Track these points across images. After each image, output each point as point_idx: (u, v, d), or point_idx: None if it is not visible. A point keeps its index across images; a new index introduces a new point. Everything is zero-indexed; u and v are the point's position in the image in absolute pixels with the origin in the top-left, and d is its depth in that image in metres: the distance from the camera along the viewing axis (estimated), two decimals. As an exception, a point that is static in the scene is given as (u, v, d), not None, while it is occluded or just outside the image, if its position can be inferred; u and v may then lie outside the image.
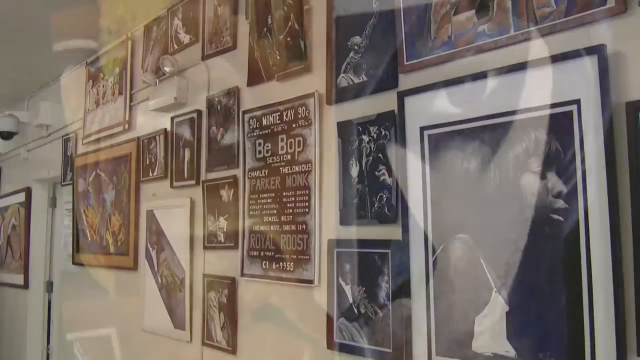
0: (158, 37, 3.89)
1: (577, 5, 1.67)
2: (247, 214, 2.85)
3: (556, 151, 1.67)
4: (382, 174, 2.18)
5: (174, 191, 3.55)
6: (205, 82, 3.32)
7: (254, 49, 2.93)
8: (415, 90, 2.06)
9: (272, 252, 2.67)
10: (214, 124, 3.20)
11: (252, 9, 2.98)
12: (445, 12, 2.01)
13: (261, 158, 2.79)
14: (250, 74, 2.95)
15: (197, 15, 3.48)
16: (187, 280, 3.33)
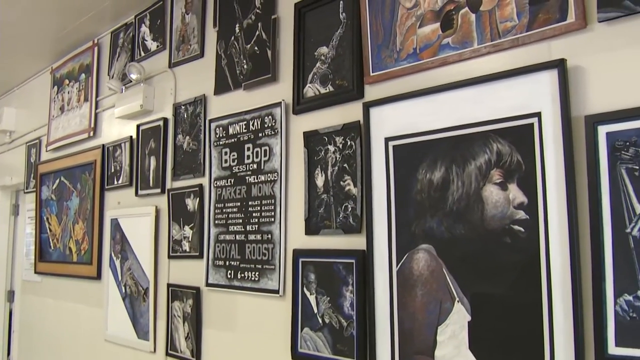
0: (125, 43, 3.85)
1: (538, 20, 1.71)
2: (213, 223, 2.83)
3: (517, 163, 1.70)
4: (347, 184, 2.18)
5: (139, 199, 3.51)
6: (172, 90, 3.30)
7: (222, 57, 2.92)
8: (381, 101, 2.07)
9: (237, 262, 2.66)
10: (180, 132, 3.17)
11: (220, 18, 2.97)
12: (411, 25, 2.03)
13: (227, 167, 2.77)
14: (217, 83, 2.94)
15: (165, 22, 3.46)
16: (151, 289, 3.29)
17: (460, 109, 1.85)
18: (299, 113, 2.44)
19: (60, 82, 4.59)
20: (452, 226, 1.84)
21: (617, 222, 1.51)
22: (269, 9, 2.68)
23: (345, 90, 2.23)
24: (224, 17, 2.96)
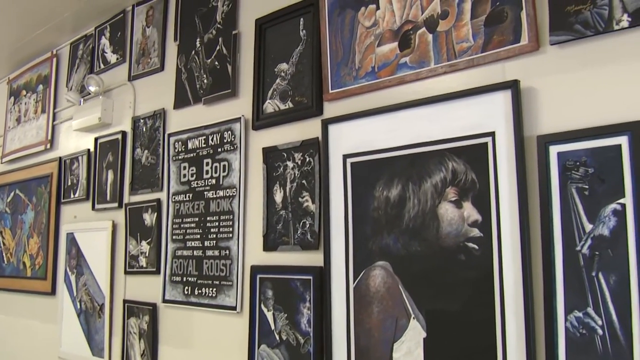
0: (84, 55, 3.80)
1: (493, 41, 1.74)
2: (170, 238, 2.80)
3: (472, 181, 1.72)
4: (305, 200, 2.19)
5: (95, 214, 3.45)
6: (131, 103, 3.27)
7: (182, 71, 2.91)
8: (339, 119, 2.09)
9: (195, 278, 2.63)
10: (138, 145, 3.14)
11: (181, 32, 2.96)
12: (370, 43, 2.05)
13: (186, 182, 2.75)
14: (177, 97, 2.92)
15: (125, 35, 3.43)
16: (107, 305, 3.23)
17: (417, 128, 1.87)
18: (258, 129, 2.43)
19: (17, 93, 4.50)
20: (408, 243, 1.85)
21: (568, 240, 1.54)
22: (229, 24, 2.68)
23: (305, 106, 2.24)
24: (185, 31, 2.95)
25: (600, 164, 1.51)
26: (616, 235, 1.47)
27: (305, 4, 2.31)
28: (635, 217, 1.44)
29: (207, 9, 2.83)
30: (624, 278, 1.45)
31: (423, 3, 1.92)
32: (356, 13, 2.11)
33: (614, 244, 1.47)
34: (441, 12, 1.87)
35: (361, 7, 2.10)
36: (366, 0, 2.09)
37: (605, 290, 1.48)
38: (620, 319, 1.45)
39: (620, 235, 1.47)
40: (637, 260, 1.43)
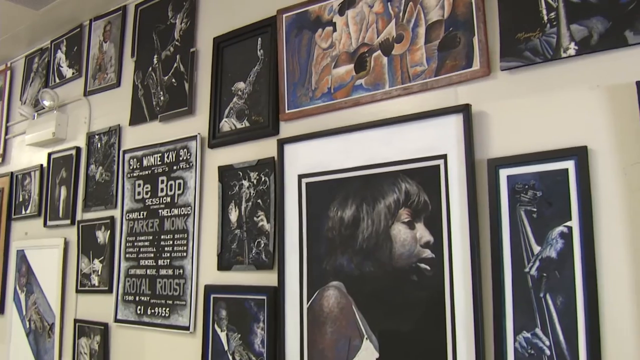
0: (39, 69, 3.74)
1: (446, 66, 1.78)
2: (123, 256, 2.76)
3: (425, 203, 1.75)
4: (260, 219, 2.18)
5: (47, 231, 3.38)
6: (86, 119, 3.22)
7: (138, 88, 2.88)
8: (295, 139, 2.10)
9: (148, 297, 2.59)
10: (93, 162, 3.09)
11: (139, 48, 2.94)
12: (326, 65, 2.07)
13: (140, 199, 2.72)
14: (133, 113, 2.89)
15: (82, 49, 3.39)
16: (57, 325, 3.15)
17: (371, 149, 1.89)
18: (214, 147, 2.43)
19: (-32, 105, 4.39)
20: (361, 264, 1.86)
21: (517, 262, 1.57)
22: (187, 42, 2.67)
23: (261, 126, 2.24)
24: (143, 47, 2.93)
25: (548, 187, 1.55)
26: (563, 257, 1.50)
27: (263, 24, 2.32)
28: (581, 240, 1.48)
29: (165, 26, 2.82)
30: (571, 299, 1.48)
31: (379, 26, 1.95)
32: (313, 34, 2.13)
33: (561, 266, 1.50)
34: (396, 35, 1.90)
35: (318, 29, 2.12)
36: (323, 22, 2.11)
37: (552, 311, 1.51)
38: (567, 339, 1.47)
39: (567, 257, 1.50)
40: (583, 282, 1.46)
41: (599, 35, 1.53)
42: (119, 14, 3.17)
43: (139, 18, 3.00)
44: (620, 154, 1.47)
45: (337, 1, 2.09)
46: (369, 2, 2.00)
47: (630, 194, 1.45)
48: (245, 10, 2.45)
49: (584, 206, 1.49)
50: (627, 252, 1.43)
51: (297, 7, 2.20)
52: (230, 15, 2.51)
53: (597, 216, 1.48)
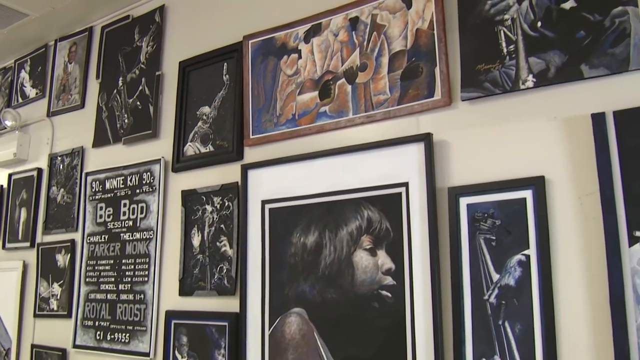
0: (2, 88, 3.69)
1: (408, 95, 1.81)
2: (84, 280, 2.71)
3: (386, 230, 1.76)
4: (223, 245, 2.17)
5: (5, 253, 3.31)
6: (49, 140, 3.18)
7: (103, 109, 2.86)
8: (259, 164, 2.10)
9: (108, 322, 2.54)
10: (54, 184, 3.05)
11: (104, 70, 2.93)
12: (291, 91, 2.09)
13: (102, 223, 2.68)
14: (97, 135, 2.86)
15: (46, 70, 3.36)
16: (14, 350, 3.07)
17: (334, 176, 1.90)
18: (178, 171, 2.41)
19: None
20: (323, 290, 1.86)
21: (476, 289, 1.59)
22: (153, 65, 2.67)
23: (225, 151, 2.24)
24: (108, 69, 2.91)
25: (507, 216, 1.57)
26: (521, 285, 1.53)
27: (229, 49, 2.33)
28: (539, 268, 1.51)
29: (132, 48, 2.81)
30: (529, 327, 1.50)
31: (343, 55, 1.98)
32: (279, 61, 2.15)
33: (519, 294, 1.53)
34: (360, 64, 1.93)
35: (284, 56, 2.14)
36: (289, 49, 2.13)
37: (511, 338, 1.53)
38: (525, 367, 1.50)
39: (524, 285, 1.52)
40: (540, 309, 1.49)
41: (556, 69, 1.57)
42: (84, 35, 3.15)
43: (105, 40, 2.99)
44: (576, 184, 1.51)
45: (303, 29, 2.11)
46: (334, 31, 2.02)
47: (585, 223, 1.48)
48: (211, 35, 2.46)
49: (541, 235, 1.51)
50: (582, 279, 1.46)
51: (263, 33, 2.22)
52: (197, 40, 2.52)
53: (554, 244, 1.51)
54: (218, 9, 2.49)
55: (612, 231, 1.41)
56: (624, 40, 1.48)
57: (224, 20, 2.45)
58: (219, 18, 2.47)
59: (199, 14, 2.57)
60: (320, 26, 2.07)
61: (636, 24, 1.47)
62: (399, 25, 1.87)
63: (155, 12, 2.76)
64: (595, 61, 1.51)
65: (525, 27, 1.64)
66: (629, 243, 1.39)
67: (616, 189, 1.43)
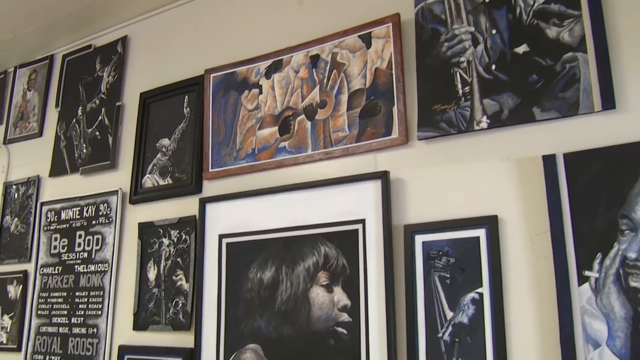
0: (-43, 114, 3.61)
1: (366, 133, 1.83)
2: (35, 313, 2.64)
3: (343, 266, 1.77)
4: (179, 279, 2.15)
5: (-46, 283, 3.21)
6: (4, 168, 3.12)
7: (61, 139, 2.82)
8: (217, 198, 2.10)
9: (59, 357, 2.48)
10: (8, 213, 2.98)
11: (64, 99, 2.90)
12: (251, 126, 2.10)
13: (56, 254, 2.63)
14: (54, 165, 2.82)
15: (4, 96, 3.30)
16: (-41, 385, 2.97)
17: (293, 211, 1.91)
18: (135, 203, 2.39)
19: None
20: (279, 326, 1.85)
21: (431, 327, 1.60)
22: (114, 95, 2.66)
23: (184, 184, 2.24)
24: (68, 98, 2.89)
25: (461, 254, 1.60)
26: (474, 323, 1.54)
27: (190, 82, 2.34)
28: (492, 306, 1.53)
29: (92, 78, 2.80)
30: (482, 364, 1.52)
31: (303, 91, 2.00)
32: (240, 95, 2.16)
33: (472, 332, 1.54)
34: (320, 101, 1.95)
35: (245, 90, 2.16)
36: (250, 84, 2.15)
37: (464, 377, 1.54)
38: (478, 405, 1.50)
39: (478, 323, 1.54)
40: (493, 347, 1.51)
41: (509, 111, 1.62)
42: (45, 63, 3.12)
43: (66, 68, 2.97)
44: (528, 224, 1.54)
45: (265, 64, 2.13)
46: (295, 68, 2.05)
47: (536, 262, 1.51)
48: (173, 68, 2.46)
49: (494, 273, 1.54)
50: (534, 317, 1.49)
51: (225, 67, 2.24)
52: (158, 72, 2.52)
53: (507, 283, 1.53)
54: (181, 41, 2.50)
55: (562, 270, 1.45)
56: (574, 85, 1.53)
57: (186, 53, 2.46)
58: (181, 51, 2.49)
59: (162, 46, 2.58)
60: (281, 62, 2.09)
61: (585, 69, 1.53)
62: (359, 64, 1.91)
63: (118, 43, 2.75)
64: (547, 104, 1.56)
65: (480, 70, 1.69)
66: (578, 282, 1.42)
67: (566, 229, 1.46)
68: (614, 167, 1.44)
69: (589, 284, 1.41)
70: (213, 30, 2.40)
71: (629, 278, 1.36)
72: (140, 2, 2.63)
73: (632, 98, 1.48)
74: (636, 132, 1.45)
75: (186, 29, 2.51)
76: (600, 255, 1.41)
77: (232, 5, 2.38)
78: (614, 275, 1.38)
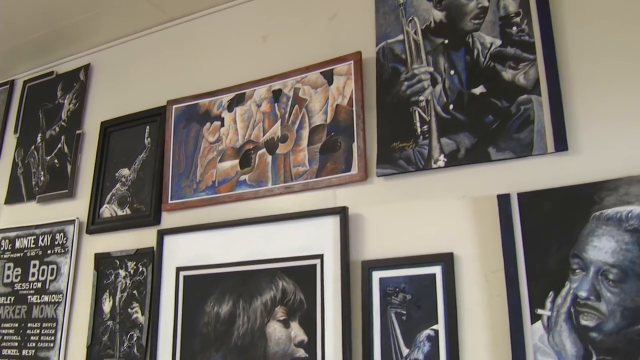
0: None
1: (326, 168, 1.85)
2: (-16, 345, 2.57)
3: (300, 301, 1.76)
4: (135, 311, 2.11)
5: None
6: (-42, 194, 3.04)
7: (18, 165, 2.78)
8: (176, 230, 2.08)
9: (8, 391, 2.41)
10: (-40, 240, 2.90)
11: (23, 125, 2.86)
12: (212, 158, 2.10)
13: (8, 283, 2.56)
14: (10, 192, 2.77)
15: (-40, 121, 3.24)
16: None
17: (251, 245, 1.91)
18: (92, 233, 2.36)
19: None
20: (236, 361, 1.83)
21: (387, 363, 1.61)
22: (74, 123, 2.63)
23: (143, 214, 2.22)
24: (27, 124, 2.85)
25: (417, 291, 1.61)
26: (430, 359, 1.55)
27: (152, 112, 2.34)
28: (447, 343, 1.54)
29: (53, 105, 2.77)
30: (436, 402, 1.52)
31: (265, 125, 2.02)
32: (201, 128, 2.17)
33: (427, 369, 1.55)
34: (281, 135, 1.97)
35: (207, 123, 2.16)
36: (212, 117, 2.15)
37: (419, 414, 1.54)
38: None
39: None
40: (448, 385, 1.51)
41: (465, 150, 1.65)
42: (5, 88, 3.08)
43: (27, 94, 2.93)
44: (482, 261, 1.57)
45: (227, 97, 2.14)
46: (257, 101, 2.06)
47: (491, 299, 1.53)
48: (135, 97, 2.46)
49: (450, 310, 1.55)
50: (488, 355, 1.50)
51: (188, 99, 2.24)
52: (121, 101, 2.51)
53: (462, 320, 1.55)
54: (144, 71, 2.50)
55: (515, 308, 1.47)
56: (528, 127, 1.58)
57: (148, 83, 2.46)
58: (144, 81, 2.48)
59: (125, 75, 2.57)
60: (244, 96, 2.11)
61: (539, 111, 1.57)
62: (320, 100, 1.93)
63: (81, 70, 2.74)
64: (502, 145, 1.60)
65: (438, 109, 1.72)
66: (531, 320, 1.44)
67: (519, 267, 1.49)
68: (566, 207, 1.47)
69: (541, 322, 1.43)
70: (176, 62, 2.41)
71: (580, 316, 1.39)
72: (104, 30, 2.62)
73: (584, 140, 1.53)
74: (587, 173, 1.49)
75: (150, 59, 2.51)
76: (553, 293, 1.43)
77: (197, 38, 2.40)
78: (566, 314, 1.41)
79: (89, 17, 2.52)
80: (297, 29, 2.13)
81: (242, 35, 2.26)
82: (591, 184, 1.46)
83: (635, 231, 1.37)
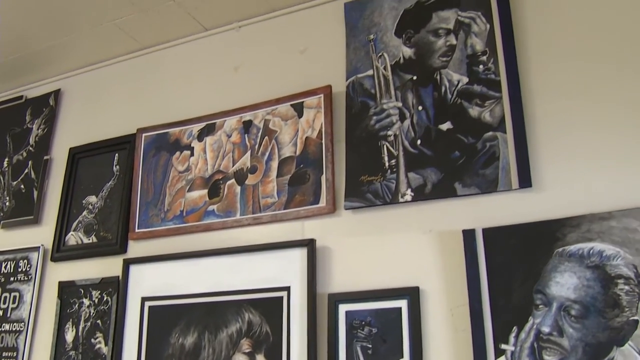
0: None
1: (295, 200, 1.86)
2: (-59, 374, 2.50)
3: (266, 334, 1.76)
4: (98, 342, 2.08)
5: None
6: None
7: (-17, 190, 2.74)
8: (142, 259, 2.06)
9: (-37, 422, 2.34)
10: None
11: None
12: (181, 187, 2.09)
13: (-31, 311, 2.51)
14: (-27, 217, 2.72)
15: None
16: None
17: (218, 276, 1.90)
18: (57, 260, 2.32)
19: None
20: (200, 395, 1.81)
21: (352, 398, 1.60)
22: (42, 149, 2.60)
23: (109, 243, 2.19)
24: (-7, 148, 2.81)
25: (383, 324, 1.62)
26: (395, 394, 1.55)
27: (122, 140, 2.33)
28: (412, 378, 1.54)
29: (21, 129, 2.74)
30: None
31: (235, 156, 2.02)
32: (171, 156, 2.16)
33: (392, 403, 1.55)
34: (250, 166, 1.98)
35: (176, 152, 2.16)
36: (182, 146, 2.15)
37: None
38: None
39: (398, 394, 1.55)
40: (412, 420, 1.51)
41: (432, 185, 1.68)
42: (-28, 112, 3.04)
43: (-7, 118, 2.90)
44: (448, 296, 1.58)
45: (197, 127, 2.15)
46: (228, 132, 2.07)
47: (455, 334, 1.54)
48: (105, 125, 2.45)
49: (415, 344, 1.56)
50: (451, 392, 1.51)
51: (158, 128, 2.24)
52: (90, 128, 2.50)
53: (427, 354, 1.56)
54: (114, 98, 2.50)
55: (479, 343, 1.48)
56: (494, 163, 1.61)
57: (119, 111, 2.45)
58: (114, 108, 2.48)
59: (95, 102, 2.56)
60: (214, 126, 2.11)
61: (504, 148, 1.61)
62: (290, 132, 1.95)
63: (50, 96, 2.72)
64: (468, 180, 1.63)
65: (406, 144, 1.75)
66: (495, 355, 1.46)
67: (484, 302, 1.51)
68: (530, 243, 1.50)
69: (505, 357, 1.44)
70: (147, 90, 2.41)
71: (543, 352, 1.40)
72: (76, 56, 2.61)
73: (547, 177, 1.56)
74: (550, 210, 1.52)
75: (121, 86, 2.51)
76: (516, 328, 1.45)
77: (168, 66, 2.40)
78: (529, 349, 1.42)
79: (60, 42, 2.51)
80: (269, 61, 2.16)
81: (214, 66, 2.27)
82: (554, 220, 1.49)
83: (597, 267, 1.40)
